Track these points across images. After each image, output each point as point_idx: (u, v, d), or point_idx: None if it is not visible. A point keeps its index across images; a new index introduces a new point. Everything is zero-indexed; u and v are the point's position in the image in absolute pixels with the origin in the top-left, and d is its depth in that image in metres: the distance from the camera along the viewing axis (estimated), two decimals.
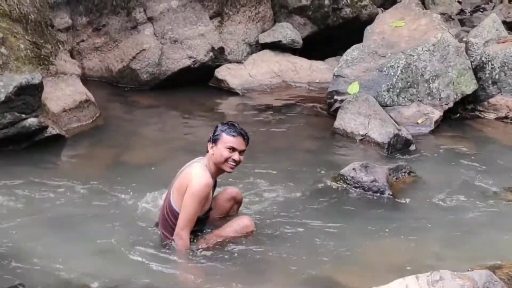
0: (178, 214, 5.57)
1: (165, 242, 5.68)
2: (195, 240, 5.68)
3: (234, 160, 5.66)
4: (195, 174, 5.59)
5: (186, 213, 5.54)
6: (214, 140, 5.67)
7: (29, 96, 7.65)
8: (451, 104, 9.48)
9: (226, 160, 5.64)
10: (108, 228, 5.93)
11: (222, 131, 5.67)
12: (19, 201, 6.46)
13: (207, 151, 5.74)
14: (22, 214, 6.21)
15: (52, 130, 7.93)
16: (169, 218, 5.66)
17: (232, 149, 5.63)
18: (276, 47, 11.38)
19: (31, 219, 6.14)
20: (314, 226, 6.21)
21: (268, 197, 6.82)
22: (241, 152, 5.69)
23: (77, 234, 5.89)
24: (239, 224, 5.84)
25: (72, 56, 10.03)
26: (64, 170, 7.45)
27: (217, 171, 5.73)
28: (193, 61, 10.72)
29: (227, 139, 5.63)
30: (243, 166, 7.55)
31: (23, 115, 7.63)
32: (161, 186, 6.46)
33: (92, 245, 5.72)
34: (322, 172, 7.52)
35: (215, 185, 5.87)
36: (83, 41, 10.90)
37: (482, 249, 5.87)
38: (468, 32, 10.95)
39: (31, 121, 7.68)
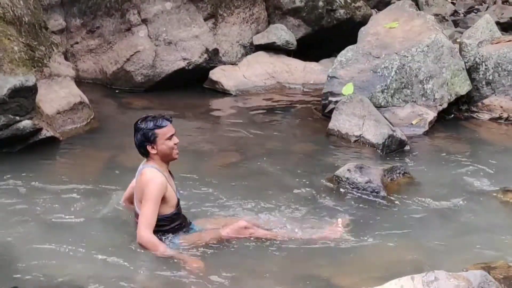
0: None
1: None
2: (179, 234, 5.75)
3: (176, 144, 5.77)
4: (149, 178, 5.66)
5: (145, 214, 5.59)
6: (152, 141, 5.69)
7: (23, 98, 7.64)
8: (445, 105, 9.49)
9: (172, 149, 5.74)
10: (103, 230, 5.93)
11: (153, 128, 5.69)
12: (13, 204, 6.45)
13: (146, 156, 5.78)
14: (17, 217, 6.20)
15: (47, 133, 7.92)
16: None
17: (171, 137, 5.73)
18: (271, 48, 11.38)
19: (26, 221, 6.14)
20: (309, 227, 6.21)
21: (262, 199, 6.82)
22: (174, 134, 5.80)
23: (72, 236, 5.88)
24: (237, 225, 5.84)
25: (66, 58, 10.01)
26: (58, 173, 7.43)
27: (166, 165, 5.81)
28: (187, 63, 10.71)
29: (163, 131, 5.71)
30: (238, 168, 7.59)
31: (17, 118, 7.61)
32: None
33: (87, 247, 5.71)
34: (317, 173, 7.53)
35: (172, 176, 5.92)
36: (77, 43, 10.89)
37: (476, 249, 5.88)
38: (461, 33, 11.00)
39: (25, 123, 7.67)
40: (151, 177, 5.66)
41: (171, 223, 5.74)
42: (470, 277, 4.76)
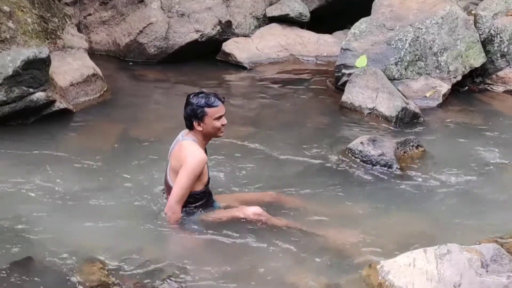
0: None
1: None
2: (201, 211, 5.73)
3: (224, 125, 5.77)
4: (191, 152, 5.62)
5: (180, 187, 5.58)
6: (200, 118, 5.66)
7: (36, 70, 7.65)
8: (459, 77, 9.44)
9: (218, 129, 5.74)
10: (115, 202, 5.95)
11: (203, 106, 5.66)
12: (27, 175, 6.47)
13: (190, 129, 5.75)
14: (30, 188, 6.22)
15: (60, 105, 7.93)
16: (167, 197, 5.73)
17: (219, 117, 5.71)
18: (284, 20, 11.32)
19: (39, 193, 6.16)
20: (321, 200, 6.22)
21: (276, 172, 6.82)
22: (224, 115, 5.79)
23: (84, 208, 5.91)
24: (251, 210, 5.80)
25: (79, 30, 10.01)
26: (72, 145, 7.45)
27: (206, 142, 5.83)
28: (200, 35, 10.68)
29: (213, 111, 5.68)
30: (251, 140, 7.59)
31: (31, 89, 7.63)
32: (165, 158, 6.47)
33: (100, 218, 5.74)
34: (330, 146, 7.52)
35: (206, 153, 5.88)
36: (90, 15, 10.86)
37: (490, 222, 5.87)
38: (476, 4, 10.87)
39: (39, 95, 7.69)
40: (193, 151, 5.63)
41: (198, 201, 5.74)
42: (483, 250, 4.77)
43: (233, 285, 4.95)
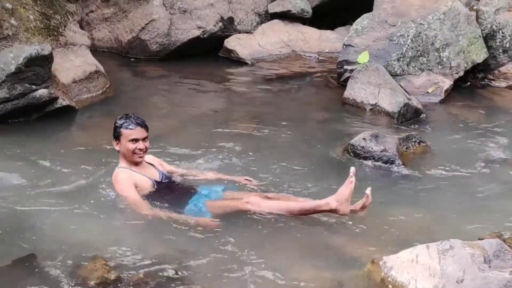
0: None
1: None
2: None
3: (140, 149, 5.88)
4: (112, 180, 5.93)
5: (127, 203, 5.79)
6: (116, 137, 5.91)
7: (39, 67, 7.65)
8: (461, 73, 9.45)
9: (133, 152, 5.87)
10: (117, 198, 5.93)
11: (120, 127, 5.88)
12: (30, 173, 6.47)
13: (118, 150, 5.97)
14: (33, 185, 6.23)
15: (63, 101, 7.94)
16: None
17: (135, 140, 5.85)
18: (286, 16, 11.33)
19: (42, 189, 6.17)
20: (323, 196, 6.20)
21: (277, 168, 6.82)
22: (144, 139, 5.90)
23: (87, 204, 5.90)
24: (249, 200, 5.80)
25: (81, 27, 10.01)
26: (74, 141, 7.46)
27: (131, 162, 5.95)
28: (202, 32, 10.69)
29: (127, 133, 5.86)
30: (254, 137, 7.58)
31: (34, 86, 7.64)
32: (170, 156, 6.48)
33: (102, 215, 5.74)
34: (332, 142, 7.53)
35: (152, 164, 6.11)
36: (92, 11, 10.88)
37: (492, 218, 5.86)
38: (478, 0, 10.86)
39: (42, 92, 7.70)
40: (114, 177, 5.91)
41: (155, 197, 5.86)
42: (486, 245, 4.76)
43: (236, 281, 4.95)
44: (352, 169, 5.67)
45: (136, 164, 5.95)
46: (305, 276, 5.02)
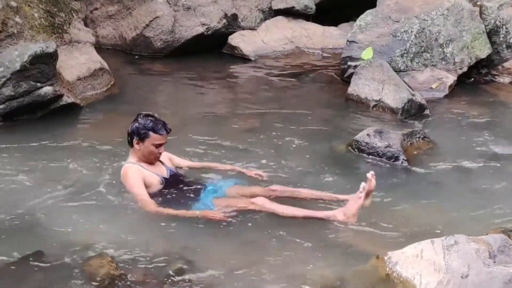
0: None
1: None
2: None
3: (161, 153, 5.94)
4: (122, 174, 5.92)
5: (135, 197, 5.79)
6: (141, 138, 5.85)
7: (44, 64, 7.66)
8: (465, 69, 9.44)
9: (155, 156, 5.92)
10: (122, 195, 5.95)
11: (150, 129, 5.84)
12: (35, 170, 6.49)
13: (131, 145, 5.94)
14: (39, 182, 6.24)
15: (67, 99, 7.95)
16: None
17: (159, 145, 5.88)
18: (289, 13, 11.33)
19: (48, 186, 6.18)
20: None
21: (282, 163, 6.83)
22: (163, 144, 5.95)
23: (93, 201, 5.92)
24: (254, 200, 5.82)
25: (85, 25, 10.01)
26: (79, 138, 7.46)
27: (143, 161, 5.95)
28: (206, 28, 10.69)
29: (156, 138, 5.87)
30: (259, 132, 7.59)
31: (38, 84, 7.65)
32: (174, 151, 6.49)
33: (108, 212, 5.76)
34: (336, 138, 7.53)
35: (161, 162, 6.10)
36: (96, 9, 10.88)
37: (497, 213, 5.87)
38: None
39: (46, 89, 7.71)
40: (123, 172, 5.91)
41: (163, 194, 5.89)
42: (490, 240, 4.77)
43: (241, 277, 4.96)
44: (363, 184, 5.71)
45: (148, 162, 5.97)
46: (311, 272, 5.03)
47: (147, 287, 4.82)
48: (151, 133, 5.83)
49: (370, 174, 5.76)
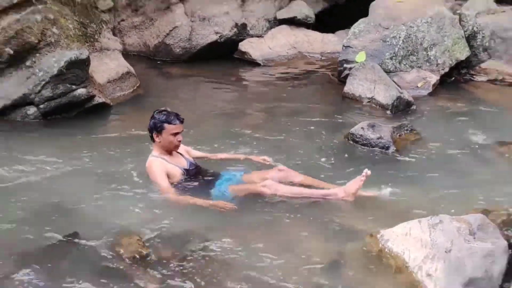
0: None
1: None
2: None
3: (179, 141, 5.92)
4: (147, 166, 5.91)
5: (157, 186, 5.79)
6: (158, 130, 5.86)
7: (78, 69, 7.68)
8: (447, 69, 9.41)
9: (174, 144, 5.89)
10: (147, 182, 5.94)
11: (164, 122, 5.85)
12: (72, 161, 6.50)
13: (152, 140, 5.94)
14: (75, 171, 6.26)
15: (99, 99, 7.96)
16: None
17: (175, 134, 5.86)
18: (292, 22, 11.31)
19: (83, 175, 6.20)
20: (326, 178, 6.20)
21: (287, 152, 6.82)
22: (181, 132, 5.93)
23: (122, 187, 5.93)
24: (264, 183, 5.82)
25: (114, 34, 10.01)
26: (110, 133, 7.48)
27: (166, 152, 5.94)
28: (219, 36, 10.68)
29: (171, 128, 5.86)
30: (267, 127, 7.59)
31: (73, 86, 7.67)
32: (195, 143, 6.49)
33: (135, 197, 5.76)
34: (334, 131, 7.52)
35: (181, 154, 6.09)
36: (123, 20, 10.89)
37: (476, 196, 5.84)
38: (461, 5, 10.80)
39: (80, 91, 7.72)
40: (147, 164, 5.89)
41: (185, 183, 5.88)
42: (471, 220, 4.75)
43: (253, 252, 4.96)
44: (366, 171, 5.72)
45: (169, 153, 5.96)
46: (312, 248, 5.03)
47: (170, 261, 4.82)
48: (166, 124, 5.84)
49: (366, 171, 5.76)
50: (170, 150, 5.93)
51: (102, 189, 5.91)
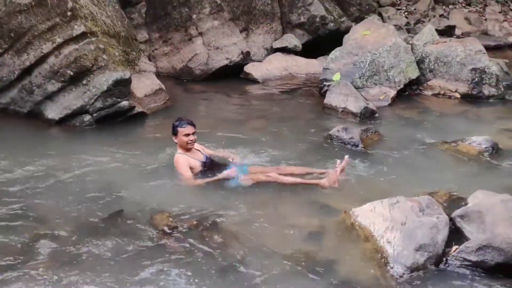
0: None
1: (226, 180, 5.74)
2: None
3: (191, 140, 5.89)
4: (174, 161, 5.92)
5: (180, 174, 5.79)
6: (175, 133, 5.92)
7: (122, 86, 7.67)
8: (402, 86, 9.38)
9: (187, 142, 5.85)
10: (175, 173, 5.93)
11: (177, 126, 5.90)
12: (118, 156, 6.51)
13: (176, 142, 5.96)
14: (120, 165, 6.26)
15: (138, 109, 7.95)
16: None
17: (187, 134, 5.83)
18: (284, 50, 11.28)
19: (125, 167, 6.20)
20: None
21: (280, 148, 6.82)
22: (193, 133, 5.91)
23: (157, 177, 5.93)
24: (269, 174, 5.83)
25: (149, 59, 10.02)
26: (147, 135, 7.48)
27: (185, 150, 5.94)
28: (229, 61, 10.66)
29: (182, 130, 5.89)
30: (264, 129, 7.57)
31: (119, 99, 7.66)
32: (210, 143, 6.49)
33: (167, 184, 5.76)
34: (317, 133, 7.50)
35: (200, 151, 6.07)
36: (156, 49, 10.86)
37: (425, 182, 5.85)
38: (412, 37, 10.78)
39: (124, 103, 7.71)
40: (176, 160, 5.87)
41: (204, 173, 5.87)
42: (421, 200, 4.77)
43: (256, 225, 4.98)
44: (338, 161, 5.79)
45: (189, 150, 5.96)
46: (300, 222, 5.05)
47: (192, 232, 4.83)
48: (178, 128, 5.89)
49: (346, 157, 5.79)
50: (186, 148, 5.92)
51: (140, 178, 5.92)
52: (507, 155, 6.65)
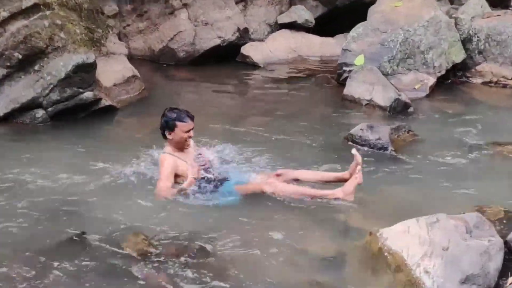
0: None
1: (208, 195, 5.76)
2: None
3: (190, 137, 5.92)
4: (160, 160, 5.89)
5: (160, 174, 5.78)
6: (171, 128, 5.86)
7: (84, 73, 7.67)
8: (443, 72, 9.40)
9: (185, 140, 5.88)
10: (152, 184, 5.94)
11: (176, 119, 5.84)
12: (79, 162, 6.49)
13: (164, 137, 5.93)
14: (82, 172, 6.24)
15: (105, 102, 7.96)
16: None
17: (187, 131, 5.85)
18: (292, 26, 11.31)
19: (89, 177, 6.17)
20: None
21: (287, 152, 6.82)
22: (192, 129, 5.91)
23: (127, 189, 5.91)
24: (265, 182, 5.83)
25: (119, 39, 10.02)
26: (116, 135, 7.49)
27: (177, 149, 5.92)
28: (222, 41, 10.68)
29: (183, 125, 5.85)
30: (268, 128, 7.58)
31: (80, 90, 7.67)
32: (202, 145, 6.49)
33: (140, 198, 5.74)
34: (334, 132, 7.52)
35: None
36: (128, 25, 10.88)
37: (472, 194, 5.84)
38: (456, 9, 10.80)
39: (87, 94, 7.72)
40: (162, 160, 5.86)
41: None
42: (467, 218, 4.74)
43: (254, 251, 4.95)
44: (352, 166, 5.73)
45: (181, 149, 5.95)
46: (314, 246, 5.03)
47: (174, 259, 4.81)
48: (177, 122, 5.83)
49: (354, 150, 5.79)
50: (181, 146, 5.92)
51: (109, 189, 5.90)
52: None
